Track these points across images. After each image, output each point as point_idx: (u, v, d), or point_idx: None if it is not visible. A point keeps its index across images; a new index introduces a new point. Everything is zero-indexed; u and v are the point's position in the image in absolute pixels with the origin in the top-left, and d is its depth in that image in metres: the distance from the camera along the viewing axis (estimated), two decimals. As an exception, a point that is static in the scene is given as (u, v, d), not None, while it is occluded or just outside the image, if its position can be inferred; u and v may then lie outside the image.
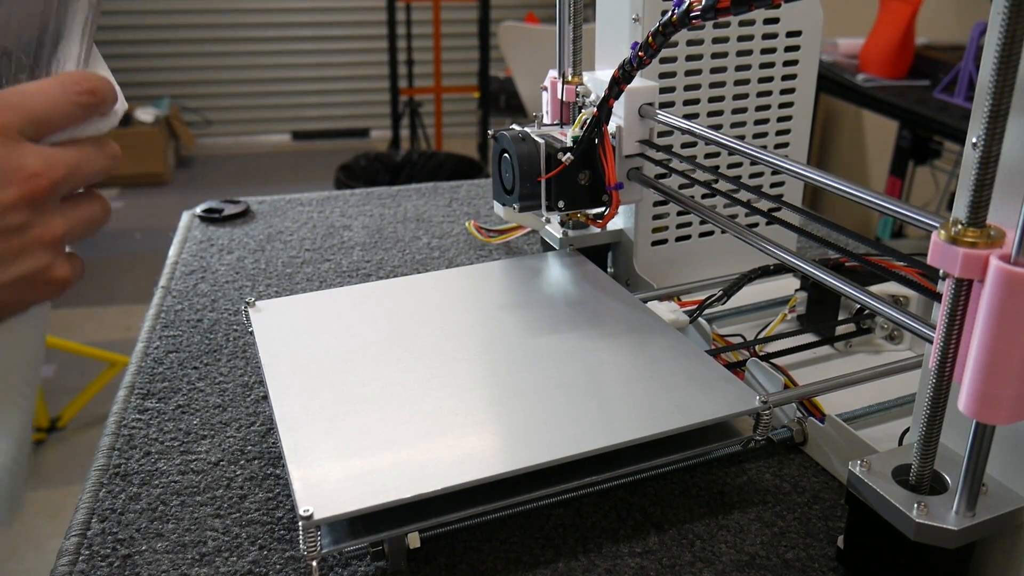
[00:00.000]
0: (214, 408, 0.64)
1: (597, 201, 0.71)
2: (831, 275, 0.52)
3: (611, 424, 0.51)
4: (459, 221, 1.00)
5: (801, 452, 0.60)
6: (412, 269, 0.88)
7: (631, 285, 0.77)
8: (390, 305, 0.66)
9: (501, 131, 0.71)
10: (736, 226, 0.62)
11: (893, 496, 0.44)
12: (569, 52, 0.73)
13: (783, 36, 0.74)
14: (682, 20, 0.52)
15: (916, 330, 0.46)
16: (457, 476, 0.47)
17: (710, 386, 0.55)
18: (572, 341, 0.61)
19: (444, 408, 0.53)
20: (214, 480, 0.57)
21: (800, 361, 0.68)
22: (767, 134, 0.78)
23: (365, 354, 0.59)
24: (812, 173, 0.53)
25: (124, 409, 0.64)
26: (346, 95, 4.48)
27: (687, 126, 0.65)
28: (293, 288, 0.83)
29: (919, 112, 2.01)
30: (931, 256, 0.40)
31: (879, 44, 2.24)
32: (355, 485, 0.46)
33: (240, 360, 0.71)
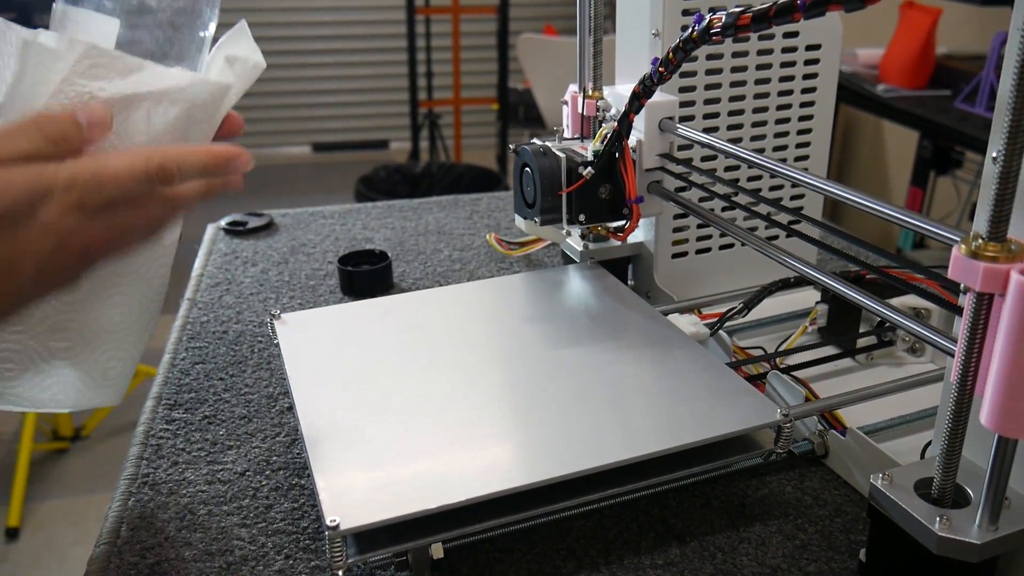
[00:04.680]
0: (240, 419, 0.65)
1: (618, 214, 0.71)
2: (852, 288, 0.53)
3: (633, 436, 0.52)
4: (480, 234, 1.01)
5: (822, 465, 0.60)
6: (434, 281, 0.88)
7: (651, 298, 0.77)
8: (413, 318, 0.67)
9: (523, 145, 0.72)
10: (756, 239, 0.62)
11: (915, 509, 0.44)
12: (589, 67, 0.74)
13: (803, 50, 0.75)
14: (702, 37, 0.52)
15: (938, 344, 0.46)
16: (480, 488, 0.47)
17: (731, 399, 0.55)
18: (593, 354, 0.61)
19: (467, 420, 0.54)
20: (240, 490, 0.57)
21: (821, 374, 0.68)
22: (787, 147, 0.78)
23: (389, 366, 0.60)
24: (832, 187, 0.54)
25: (152, 419, 0.65)
26: (366, 107, 4.52)
27: (707, 140, 0.66)
28: (316, 300, 0.84)
29: (940, 122, 2.00)
30: (952, 270, 0.40)
31: (899, 54, 2.24)
32: (380, 496, 0.47)
33: (265, 371, 0.72)
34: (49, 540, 1.94)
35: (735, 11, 0.49)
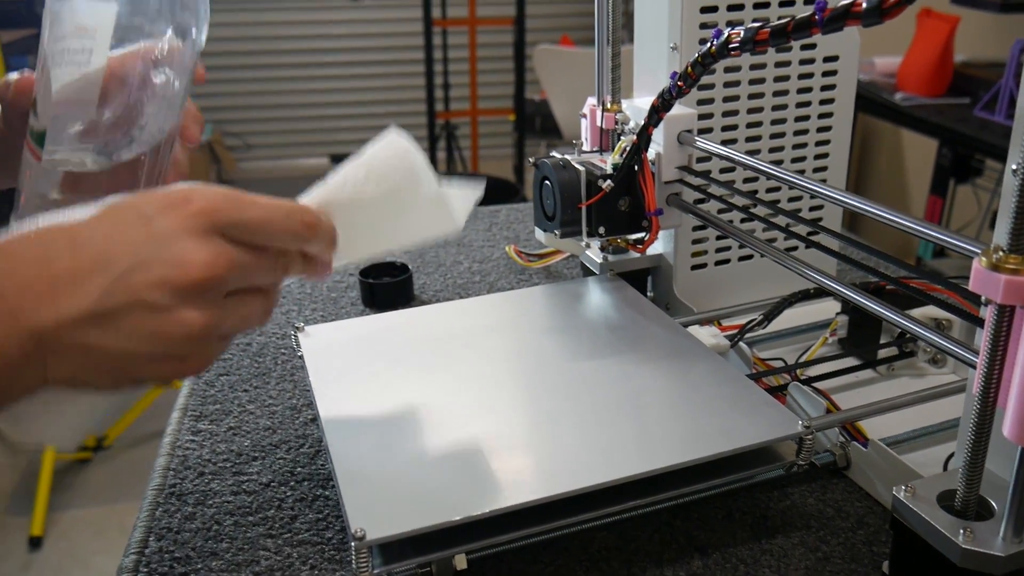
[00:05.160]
0: (264, 430, 0.66)
1: (637, 227, 0.72)
2: (872, 300, 0.53)
3: (654, 448, 0.52)
4: (499, 245, 1.02)
5: (844, 476, 0.60)
6: (454, 293, 0.89)
7: (671, 309, 0.77)
8: (435, 330, 0.68)
9: (542, 159, 0.73)
10: (775, 250, 0.62)
11: (939, 522, 0.44)
12: (608, 80, 0.74)
13: (820, 61, 0.75)
14: (721, 51, 0.53)
15: (959, 355, 0.46)
16: (504, 499, 0.48)
17: (752, 411, 0.55)
18: (614, 366, 0.61)
19: (489, 432, 0.54)
20: (265, 501, 0.58)
21: (842, 385, 0.68)
22: (805, 158, 0.78)
23: (411, 378, 0.61)
24: (850, 199, 0.54)
25: (178, 430, 0.66)
26: (383, 118, 4.54)
27: (725, 152, 0.66)
28: (338, 313, 0.85)
29: (959, 130, 1.99)
30: (973, 282, 0.40)
31: (917, 62, 2.23)
32: (405, 507, 0.47)
33: (288, 383, 0.73)
34: (72, 549, 1.96)
35: (753, 26, 0.50)
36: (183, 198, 0.41)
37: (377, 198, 0.50)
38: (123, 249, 0.39)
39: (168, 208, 0.41)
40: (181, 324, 0.40)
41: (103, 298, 0.39)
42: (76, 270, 0.39)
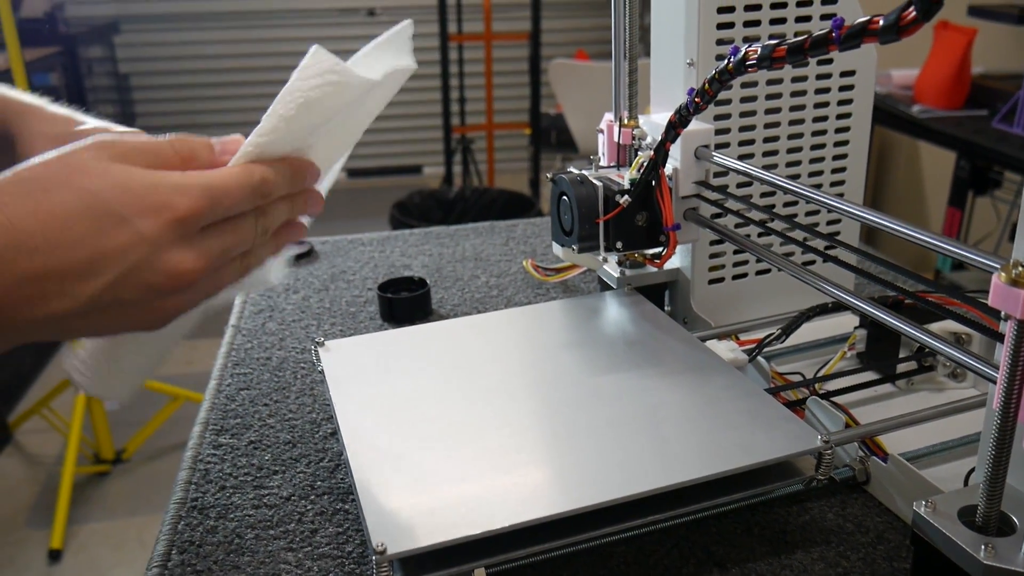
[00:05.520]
0: (284, 444, 0.67)
1: (654, 241, 0.72)
2: (890, 314, 0.53)
3: (673, 463, 0.52)
4: (516, 260, 1.02)
5: (864, 491, 0.60)
6: (471, 308, 0.90)
7: (688, 324, 0.77)
8: (454, 344, 0.68)
9: (560, 174, 0.73)
10: (792, 264, 0.62)
11: (960, 537, 0.44)
12: (624, 96, 0.75)
13: (837, 76, 0.75)
14: (738, 68, 0.53)
15: (979, 370, 0.46)
16: (523, 513, 0.48)
17: (771, 425, 0.55)
18: (632, 380, 0.62)
19: (508, 446, 0.54)
20: (286, 514, 0.59)
21: (861, 399, 0.68)
22: (823, 172, 0.78)
23: (430, 392, 0.61)
24: (868, 214, 0.54)
25: (199, 444, 0.67)
26: (400, 133, 4.57)
27: (742, 167, 0.66)
28: (357, 327, 0.86)
29: (977, 142, 1.99)
30: (992, 298, 0.40)
31: (934, 74, 2.23)
32: (426, 521, 0.48)
33: (308, 397, 0.73)
34: (91, 562, 1.97)
35: (771, 44, 0.50)
36: (164, 202, 0.41)
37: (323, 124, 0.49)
38: (112, 256, 0.40)
39: (150, 212, 0.41)
40: (166, 309, 0.44)
41: (92, 300, 0.40)
42: (64, 275, 0.40)
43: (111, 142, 0.43)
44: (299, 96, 0.46)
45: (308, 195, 0.51)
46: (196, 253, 0.43)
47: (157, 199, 0.41)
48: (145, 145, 0.44)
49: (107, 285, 0.41)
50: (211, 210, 0.43)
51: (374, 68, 0.51)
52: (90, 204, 0.40)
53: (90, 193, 0.40)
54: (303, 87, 0.46)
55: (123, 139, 0.44)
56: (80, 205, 0.40)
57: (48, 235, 0.39)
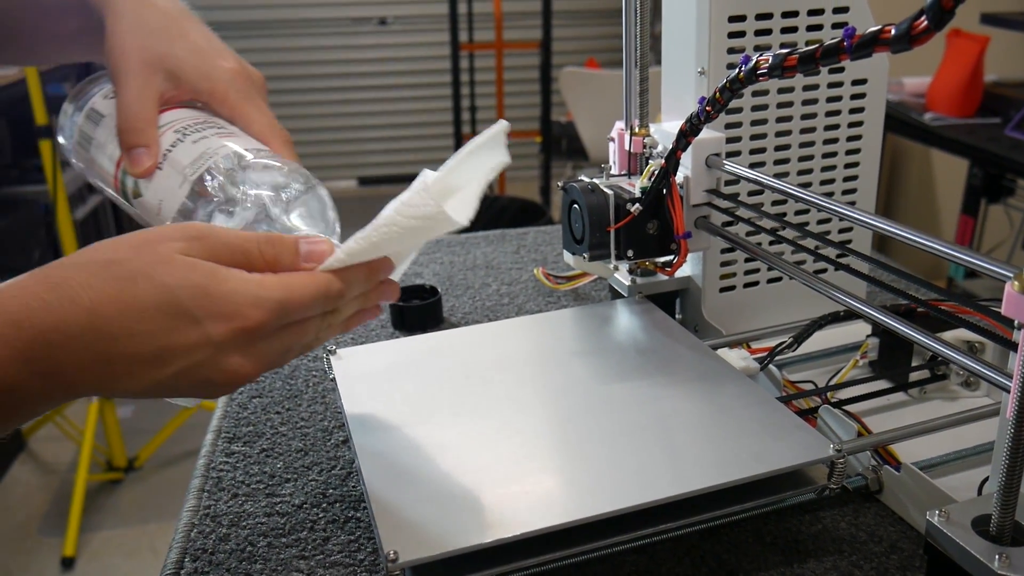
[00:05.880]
0: (296, 452, 0.67)
1: (665, 249, 0.72)
2: (902, 322, 0.53)
3: (684, 472, 0.52)
4: (527, 268, 1.02)
5: (877, 501, 0.59)
6: (483, 316, 0.90)
7: (699, 332, 0.77)
8: (465, 352, 0.68)
9: (571, 182, 0.73)
10: (804, 273, 0.62)
11: (974, 547, 0.44)
12: (635, 104, 0.75)
13: (849, 84, 0.75)
14: (749, 77, 0.53)
15: (992, 379, 0.46)
16: (535, 522, 0.48)
17: (783, 434, 0.55)
18: (643, 388, 0.62)
19: (520, 454, 0.55)
20: (298, 522, 0.59)
21: (873, 408, 0.67)
22: (834, 180, 0.78)
23: (442, 400, 0.61)
24: (879, 222, 0.54)
25: (212, 452, 0.67)
26: (410, 141, 4.59)
27: (753, 176, 0.66)
28: (368, 335, 0.86)
29: (990, 150, 1.98)
30: (1005, 307, 0.40)
31: (947, 82, 2.22)
32: (437, 529, 0.48)
33: (320, 405, 0.73)
34: (104, 570, 1.98)
35: (782, 53, 0.50)
36: (236, 311, 0.43)
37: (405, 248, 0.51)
38: (178, 352, 0.42)
39: (221, 318, 0.43)
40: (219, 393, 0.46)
41: (155, 385, 0.43)
42: (133, 361, 0.42)
43: (202, 235, 0.44)
44: (396, 229, 0.48)
45: (382, 288, 0.51)
46: (256, 359, 0.45)
47: (231, 308, 0.43)
48: (234, 242, 0.45)
49: (170, 375, 0.43)
50: (280, 322, 0.45)
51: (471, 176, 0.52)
52: (168, 301, 0.42)
53: (170, 290, 0.42)
54: (402, 222, 0.48)
55: (213, 233, 0.45)
56: (159, 300, 0.42)
57: (125, 324, 0.41)
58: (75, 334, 0.40)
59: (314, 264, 0.47)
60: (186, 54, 0.55)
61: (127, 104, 0.54)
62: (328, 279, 0.46)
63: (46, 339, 0.40)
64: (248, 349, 0.44)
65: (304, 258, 0.47)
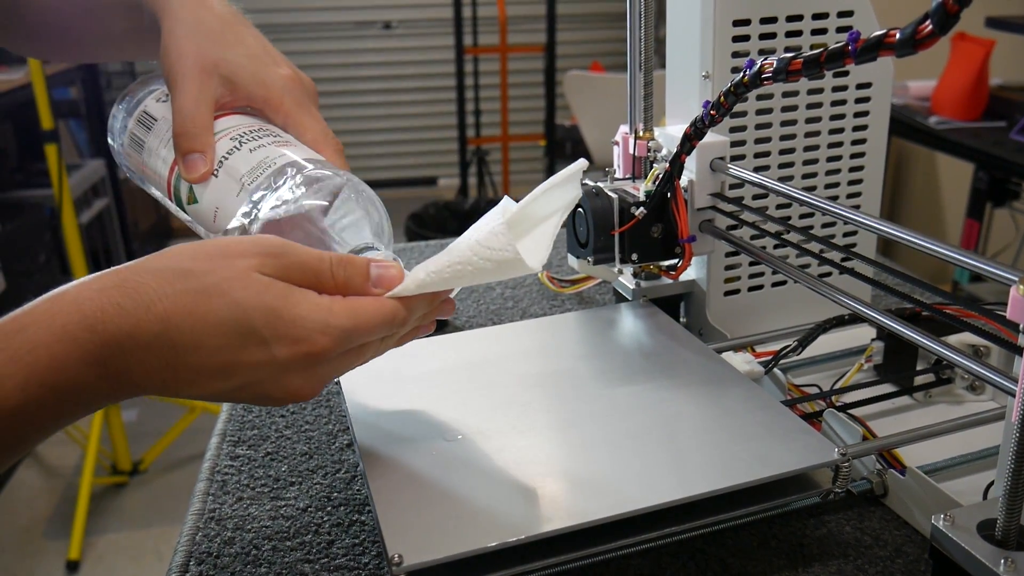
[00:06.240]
0: (301, 455, 0.67)
1: (670, 253, 0.72)
2: (907, 326, 0.53)
3: (689, 475, 0.52)
4: (531, 271, 1.02)
5: (882, 504, 0.59)
6: (487, 319, 0.90)
7: (704, 335, 0.77)
8: (469, 356, 0.68)
9: (575, 186, 0.73)
10: (808, 276, 0.62)
11: (979, 551, 0.43)
12: (640, 108, 0.75)
13: (853, 88, 0.75)
14: (753, 81, 0.53)
15: (997, 383, 0.45)
16: (540, 525, 0.48)
17: (787, 437, 0.55)
18: (648, 392, 0.62)
19: (524, 458, 0.55)
20: (303, 526, 0.59)
21: (878, 412, 0.67)
22: (839, 184, 0.78)
23: (446, 404, 0.61)
24: (884, 226, 0.54)
25: (217, 455, 0.67)
26: (415, 145, 4.60)
27: (758, 179, 0.66)
28: (373, 338, 0.86)
29: (995, 154, 1.97)
30: (1011, 311, 0.40)
31: (952, 86, 2.22)
32: (442, 532, 0.48)
33: (324, 409, 0.74)
34: (109, 573, 1.98)
35: (786, 57, 0.50)
36: (304, 337, 0.44)
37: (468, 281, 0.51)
38: (243, 368, 0.43)
39: (288, 341, 0.43)
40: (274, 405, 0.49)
41: (213, 395, 0.45)
42: (199, 371, 0.43)
43: (277, 252, 0.45)
44: (470, 268, 0.48)
45: (440, 308, 0.52)
46: (315, 380, 0.46)
47: (300, 333, 0.43)
48: (308, 262, 0.46)
49: (231, 388, 0.44)
50: (344, 348, 0.45)
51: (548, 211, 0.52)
52: (239, 319, 0.42)
53: (241, 308, 0.42)
54: (476, 262, 0.48)
55: (289, 251, 0.45)
56: (231, 317, 0.42)
57: (196, 337, 0.42)
58: (146, 342, 0.41)
59: (383, 290, 0.47)
60: (242, 59, 0.55)
61: (183, 108, 0.53)
62: (395, 308, 0.47)
63: (118, 344, 0.41)
64: (309, 371, 0.45)
65: (375, 283, 0.47)
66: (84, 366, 0.40)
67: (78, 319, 0.40)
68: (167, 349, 0.42)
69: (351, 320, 0.45)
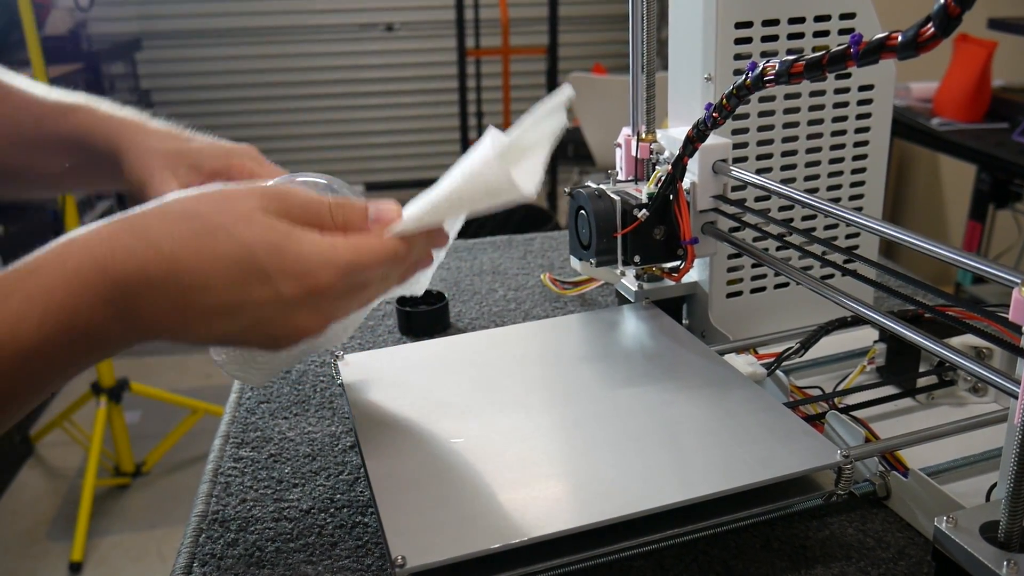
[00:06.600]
0: (304, 457, 0.67)
1: (672, 255, 0.72)
2: (910, 328, 0.53)
3: (691, 477, 0.52)
4: (534, 273, 1.03)
5: (884, 507, 0.59)
6: (489, 321, 0.90)
7: (706, 337, 0.77)
8: (472, 358, 0.68)
9: (578, 188, 0.73)
10: (811, 278, 0.62)
11: (982, 554, 0.43)
12: (642, 110, 0.75)
13: (855, 90, 0.75)
14: (756, 84, 0.53)
15: (1000, 385, 0.46)
16: (542, 527, 0.48)
17: (790, 439, 0.55)
18: (650, 394, 0.62)
19: (527, 460, 0.55)
20: (306, 527, 0.59)
21: (881, 414, 0.67)
22: (841, 186, 0.78)
23: (449, 406, 0.61)
24: (886, 228, 0.54)
25: (220, 457, 0.68)
26: (417, 146, 4.60)
27: (760, 181, 0.66)
28: (376, 340, 0.86)
29: (998, 155, 1.97)
30: (1013, 313, 0.40)
31: (954, 87, 2.22)
32: (444, 534, 0.48)
33: (327, 411, 0.74)
34: (111, 575, 1.99)
35: (788, 59, 0.50)
36: (308, 272, 0.45)
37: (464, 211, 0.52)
38: (249, 307, 0.44)
39: (292, 277, 0.45)
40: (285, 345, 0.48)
41: (223, 336, 0.46)
42: (207, 311, 0.44)
43: (279, 195, 0.47)
44: (464, 199, 0.49)
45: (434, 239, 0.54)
46: (321, 316, 0.47)
47: (303, 267, 0.45)
48: (308, 204, 0.47)
49: (240, 328, 0.45)
50: (347, 284, 0.47)
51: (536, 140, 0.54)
52: (244, 257, 0.44)
53: (246, 247, 0.44)
54: (469, 191, 0.49)
55: (290, 194, 0.47)
56: (237, 255, 0.44)
57: (203, 275, 0.43)
58: (155, 282, 0.42)
59: (381, 227, 0.49)
60: (199, 144, 0.63)
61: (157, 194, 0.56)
62: (395, 243, 0.49)
63: (129, 285, 0.42)
64: (315, 308, 0.46)
65: (373, 221, 0.49)
66: (97, 306, 0.41)
67: (89, 262, 0.42)
68: (176, 289, 0.43)
69: (353, 255, 0.46)
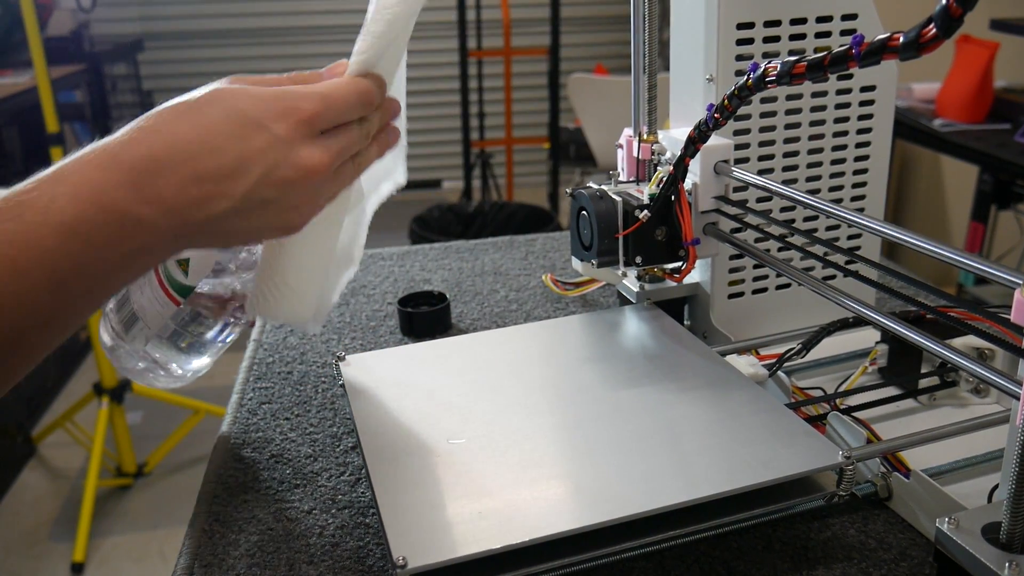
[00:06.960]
0: (305, 458, 0.67)
1: (674, 256, 0.72)
2: (912, 329, 0.52)
3: (693, 478, 0.52)
4: (535, 274, 1.03)
5: (886, 508, 0.59)
6: (491, 322, 0.90)
7: (708, 338, 0.77)
8: (473, 358, 0.68)
9: (579, 189, 0.73)
10: (812, 279, 0.62)
11: (983, 555, 0.43)
12: (644, 111, 0.75)
13: (857, 91, 0.75)
14: (757, 84, 0.53)
15: (1002, 386, 0.45)
16: (543, 528, 0.48)
17: (792, 440, 0.55)
18: (652, 395, 0.62)
19: (528, 460, 0.55)
20: (307, 528, 0.59)
21: (883, 415, 0.67)
22: (843, 187, 0.78)
23: (451, 406, 0.61)
24: (888, 228, 0.54)
25: (222, 458, 0.68)
26: (419, 147, 4.60)
27: (762, 182, 0.66)
28: (377, 341, 0.86)
29: (1000, 156, 1.97)
30: (1015, 314, 0.40)
31: (956, 88, 2.22)
32: (446, 535, 0.48)
33: (328, 411, 0.74)
34: (113, 575, 1.99)
35: (790, 60, 0.50)
36: (292, 107, 0.49)
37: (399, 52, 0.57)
38: (255, 156, 0.48)
39: (281, 116, 0.48)
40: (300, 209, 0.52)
41: (244, 199, 0.48)
42: (220, 175, 0.47)
43: (243, 77, 0.52)
44: (387, 14, 0.53)
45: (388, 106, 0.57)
46: (321, 149, 0.50)
47: (285, 105, 0.49)
48: (269, 79, 0.53)
49: (254, 183, 0.48)
50: (328, 112, 0.50)
51: None
52: (233, 115, 0.48)
53: (233, 107, 0.48)
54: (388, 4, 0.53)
55: (251, 78, 0.52)
56: (226, 117, 0.48)
57: (203, 142, 0.47)
58: (163, 159, 0.45)
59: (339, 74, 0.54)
60: None
61: None
62: (355, 78, 0.53)
63: (142, 167, 0.45)
64: (310, 140, 0.49)
65: (329, 73, 0.54)
66: (121, 190, 0.44)
67: (104, 155, 0.45)
68: (183, 161, 0.46)
69: (327, 87, 0.51)
